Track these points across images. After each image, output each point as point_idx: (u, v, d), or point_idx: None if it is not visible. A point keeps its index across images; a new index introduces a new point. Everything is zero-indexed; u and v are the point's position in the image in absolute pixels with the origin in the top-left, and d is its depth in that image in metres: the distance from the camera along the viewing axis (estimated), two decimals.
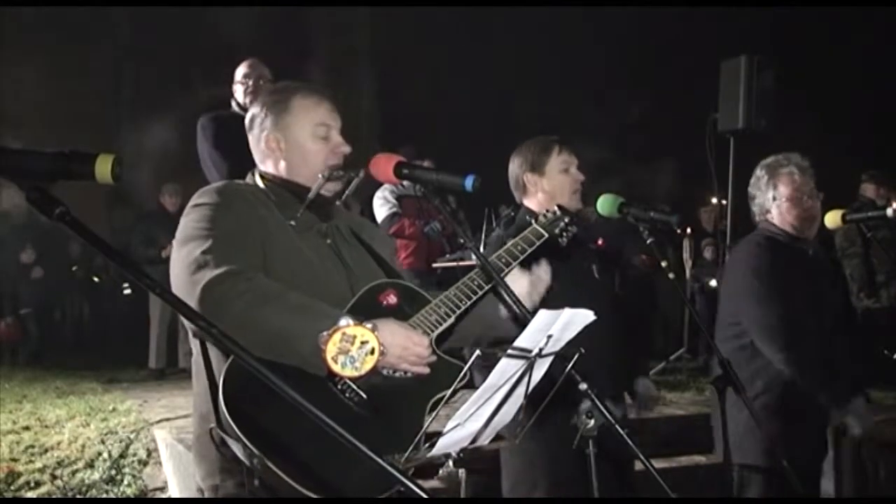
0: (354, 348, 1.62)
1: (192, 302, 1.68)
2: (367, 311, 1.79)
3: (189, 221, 1.86)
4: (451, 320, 1.92)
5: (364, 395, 1.74)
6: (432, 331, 1.87)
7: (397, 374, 1.80)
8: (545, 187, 2.86)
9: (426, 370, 1.80)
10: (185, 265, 1.76)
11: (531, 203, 2.90)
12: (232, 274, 1.71)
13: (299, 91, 2.04)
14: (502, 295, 1.94)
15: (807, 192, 3.02)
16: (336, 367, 1.61)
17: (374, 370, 1.69)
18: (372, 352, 1.63)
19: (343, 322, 1.63)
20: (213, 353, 1.78)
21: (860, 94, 10.88)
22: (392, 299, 1.90)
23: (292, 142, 2.00)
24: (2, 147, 1.21)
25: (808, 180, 3.03)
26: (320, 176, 1.97)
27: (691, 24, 10.70)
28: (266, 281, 1.76)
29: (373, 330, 1.65)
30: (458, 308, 1.93)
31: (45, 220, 1.19)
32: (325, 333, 1.62)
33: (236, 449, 1.56)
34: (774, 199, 3.05)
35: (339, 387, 1.73)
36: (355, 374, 1.63)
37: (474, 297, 1.97)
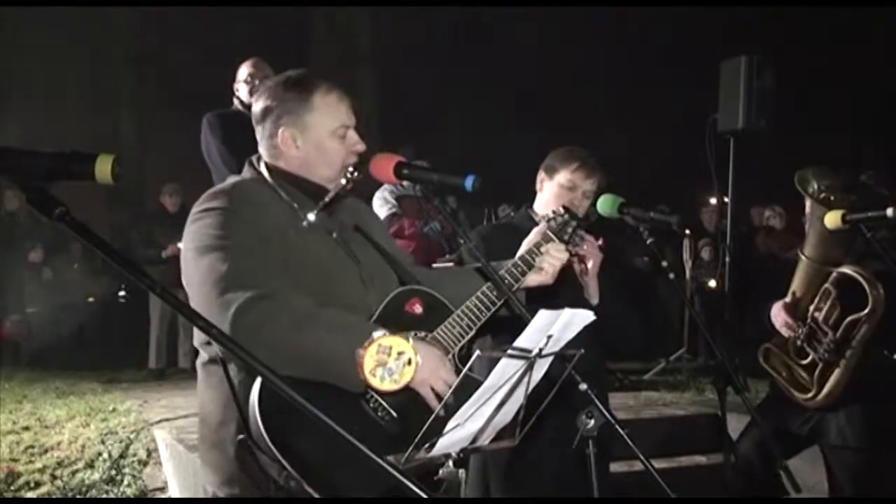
0: (391, 359, 1.59)
1: (224, 324, 1.63)
2: (394, 319, 1.79)
3: (203, 227, 1.79)
4: (472, 333, 1.95)
5: (395, 414, 1.73)
6: (455, 345, 1.91)
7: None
8: (544, 190, 2.84)
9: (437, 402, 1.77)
10: (210, 281, 1.71)
11: (537, 203, 2.89)
12: (261, 297, 1.66)
13: (320, 88, 1.94)
14: (516, 306, 1.92)
15: None
16: (374, 381, 1.59)
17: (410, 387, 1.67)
18: (409, 362, 1.61)
19: (377, 333, 1.62)
20: (231, 366, 1.74)
21: (860, 93, 10.88)
22: (418, 308, 1.90)
23: (312, 140, 1.93)
24: (2, 147, 1.21)
25: None
26: (343, 180, 1.93)
27: (691, 24, 10.70)
28: (296, 301, 1.71)
29: (408, 339, 1.63)
30: (479, 320, 1.96)
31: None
32: (360, 350, 1.59)
33: (269, 468, 1.54)
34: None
35: (372, 405, 1.73)
36: (394, 386, 1.60)
37: (494, 308, 1.98)
